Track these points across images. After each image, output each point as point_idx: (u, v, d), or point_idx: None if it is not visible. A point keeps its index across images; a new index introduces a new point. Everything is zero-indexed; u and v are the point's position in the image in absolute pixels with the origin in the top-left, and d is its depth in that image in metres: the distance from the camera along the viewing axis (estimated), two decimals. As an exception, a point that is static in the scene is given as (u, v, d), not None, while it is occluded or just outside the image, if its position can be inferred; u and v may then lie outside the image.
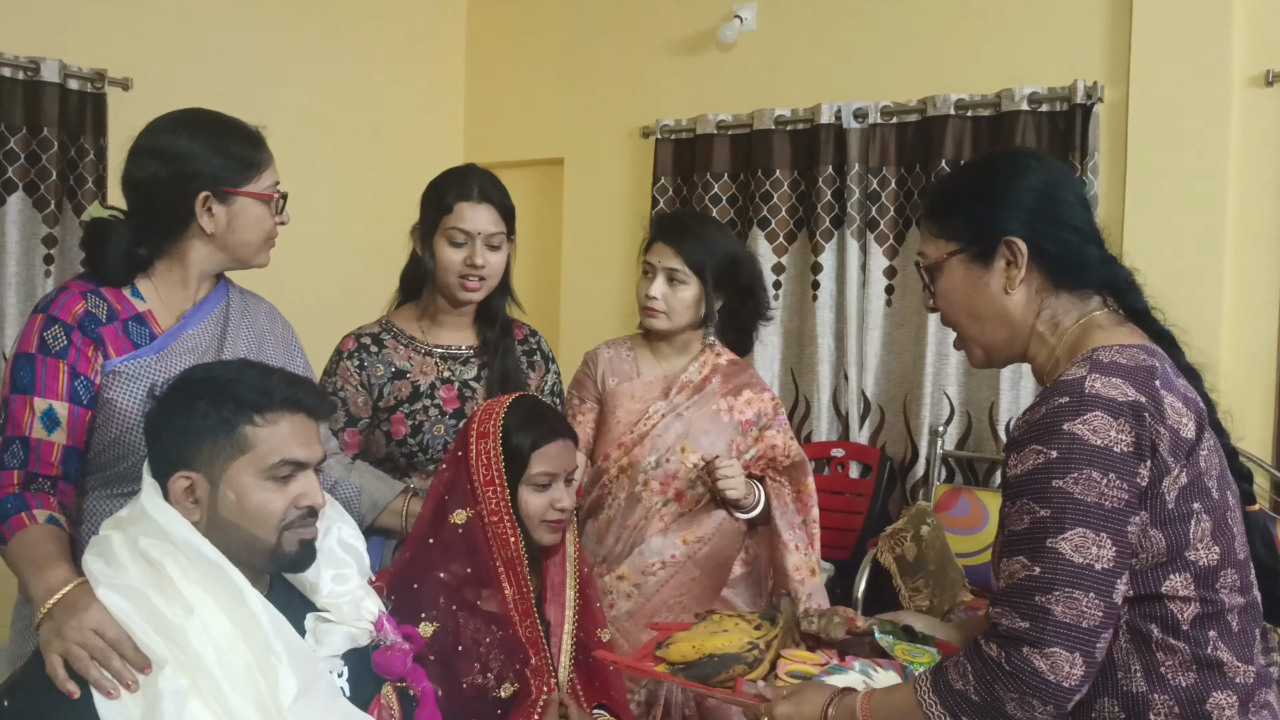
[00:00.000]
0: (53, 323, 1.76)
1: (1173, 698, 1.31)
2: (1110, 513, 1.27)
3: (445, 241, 2.26)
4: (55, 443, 1.72)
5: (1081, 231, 1.45)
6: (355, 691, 1.60)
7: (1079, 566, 1.26)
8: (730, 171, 4.51)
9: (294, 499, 1.53)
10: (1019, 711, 1.28)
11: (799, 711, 1.49)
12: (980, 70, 4.04)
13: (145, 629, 1.41)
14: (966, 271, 1.47)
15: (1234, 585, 1.34)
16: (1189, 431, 1.32)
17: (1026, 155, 1.50)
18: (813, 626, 1.75)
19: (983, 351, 1.52)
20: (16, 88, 3.84)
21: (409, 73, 5.11)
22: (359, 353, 2.29)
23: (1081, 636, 1.26)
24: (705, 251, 2.38)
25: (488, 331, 2.37)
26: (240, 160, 1.82)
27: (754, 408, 2.45)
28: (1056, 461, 1.28)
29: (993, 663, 1.30)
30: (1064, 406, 1.30)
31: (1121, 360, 1.34)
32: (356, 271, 4.61)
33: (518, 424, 1.89)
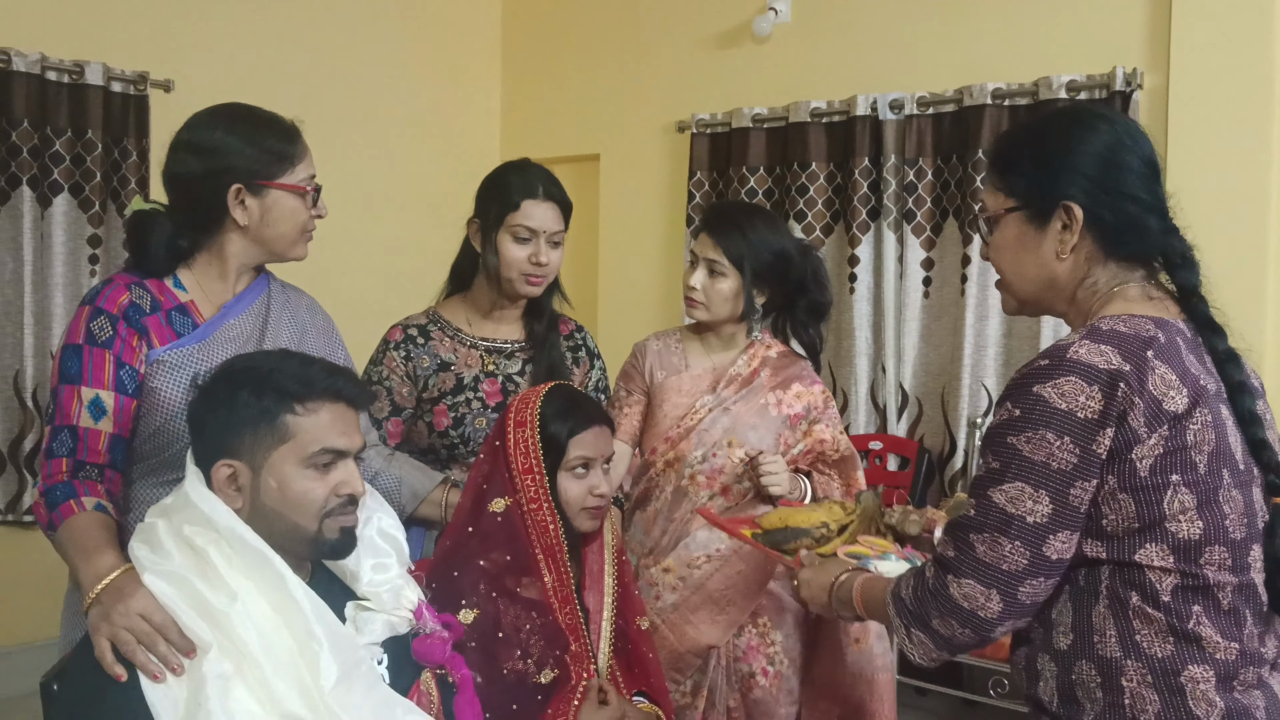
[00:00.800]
0: (98, 314, 1.79)
1: (1146, 666, 1.33)
2: (1054, 473, 1.33)
3: (510, 238, 2.27)
4: (102, 431, 1.76)
5: (1142, 201, 1.43)
6: (395, 679, 1.62)
7: (1009, 516, 1.35)
8: (766, 165, 4.51)
9: (334, 487, 1.55)
10: (941, 628, 1.41)
11: (816, 579, 1.70)
12: (1017, 58, 4.00)
13: (190, 614, 1.44)
14: (1021, 229, 1.48)
15: (1222, 563, 1.34)
16: (1175, 404, 1.32)
17: (1095, 116, 1.47)
18: (892, 519, 1.93)
19: (1017, 303, 1.55)
20: (62, 91, 3.92)
21: (446, 70, 5.15)
22: (405, 344, 2.30)
23: (999, 576, 1.35)
24: (745, 244, 2.36)
25: (535, 325, 2.39)
26: (273, 153, 1.84)
27: (803, 401, 2.44)
28: (1017, 419, 1.35)
29: (926, 581, 1.43)
30: (1041, 369, 1.35)
31: (1121, 328, 1.36)
32: (394, 266, 4.66)
33: (554, 412, 1.90)
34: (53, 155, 3.91)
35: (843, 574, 1.66)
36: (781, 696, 2.36)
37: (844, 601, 1.64)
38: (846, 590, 1.63)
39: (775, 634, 2.37)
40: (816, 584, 1.69)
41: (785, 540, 1.85)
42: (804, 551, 1.80)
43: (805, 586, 1.72)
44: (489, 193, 2.33)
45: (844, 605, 1.64)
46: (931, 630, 1.42)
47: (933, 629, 1.41)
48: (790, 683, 2.37)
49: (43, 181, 3.90)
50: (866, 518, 1.92)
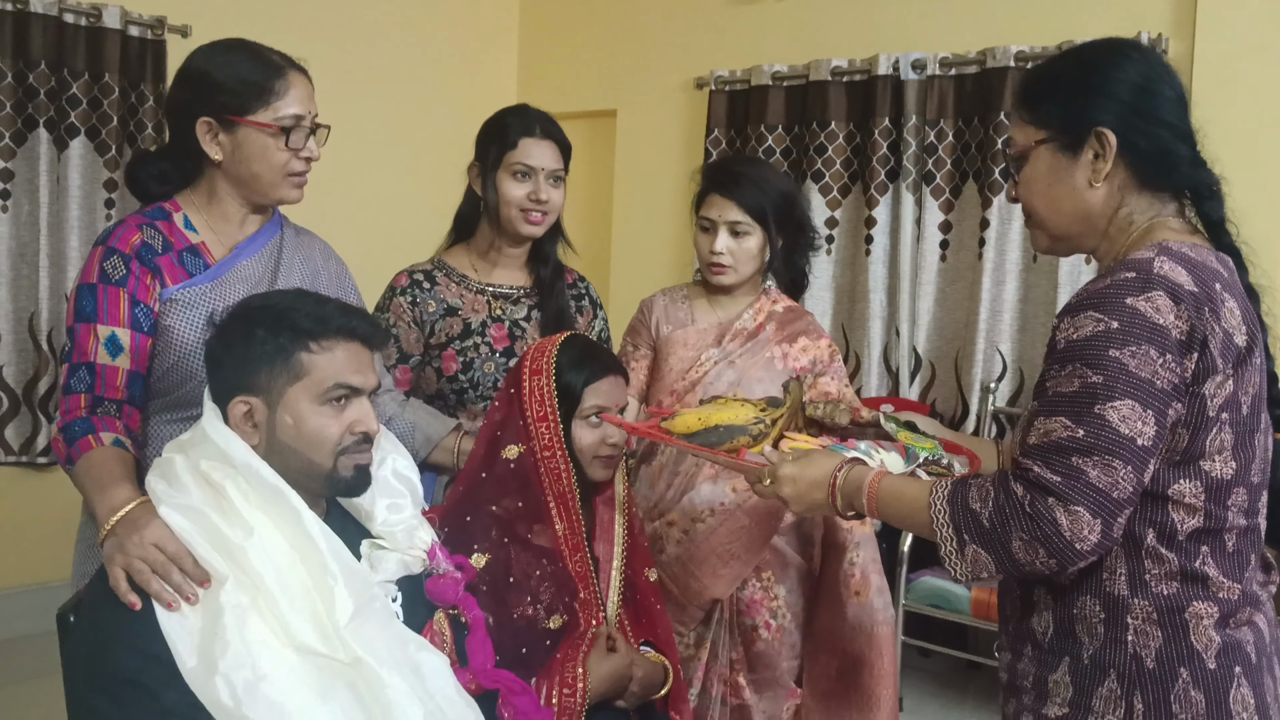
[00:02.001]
0: (111, 254, 1.80)
1: (1151, 604, 1.33)
2: (1160, 392, 1.26)
3: (508, 176, 2.28)
4: (119, 367, 1.77)
5: (1174, 129, 1.41)
6: (408, 617, 1.63)
7: (1123, 437, 1.26)
8: (785, 123, 4.47)
9: (349, 424, 1.56)
10: (1023, 553, 1.29)
11: (804, 474, 1.54)
12: (1041, 21, 3.95)
13: (206, 548, 1.44)
14: (1053, 161, 1.45)
15: (1241, 505, 1.34)
16: (1241, 340, 1.31)
17: (1127, 46, 1.45)
18: (818, 412, 1.78)
19: (1050, 241, 1.51)
20: (79, 34, 3.90)
21: (463, 25, 5.12)
22: (411, 289, 2.31)
23: (1109, 504, 1.26)
24: (764, 196, 2.34)
25: (541, 271, 2.39)
26: (249, 87, 1.81)
27: (809, 355, 2.43)
28: (1116, 332, 1.27)
29: (1016, 500, 1.30)
30: (1129, 281, 1.29)
31: (1190, 253, 1.34)
32: (409, 215, 4.64)
33: (570, 361, 1.91)
34: (70, 98, 3.90)
35: (843, 466, 1.52)
36: (784, 650, 2.38)
37: (849, 497, 1.50)
38: (854, 484, 1.49)
39: (778, 588, 2.38)
40: (807, 479, 1.53)
41: (720, 440, 1.68)
42: (766, 449, 1.63)
43: (790, 483, 1.55)
44: (487, 134, 2.34)
45: (848, 502, 1.51)
46: (1006, 552, 1.30)
47: (1009, 551, 1.29)
48: (792, 636, 2.39)
49: (59, 124, 3.89)
50: (794, 409, 1.78)
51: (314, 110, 1.88)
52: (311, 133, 1.88)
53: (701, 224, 2.39)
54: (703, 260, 2.40)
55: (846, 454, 1.58)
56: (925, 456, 1.65)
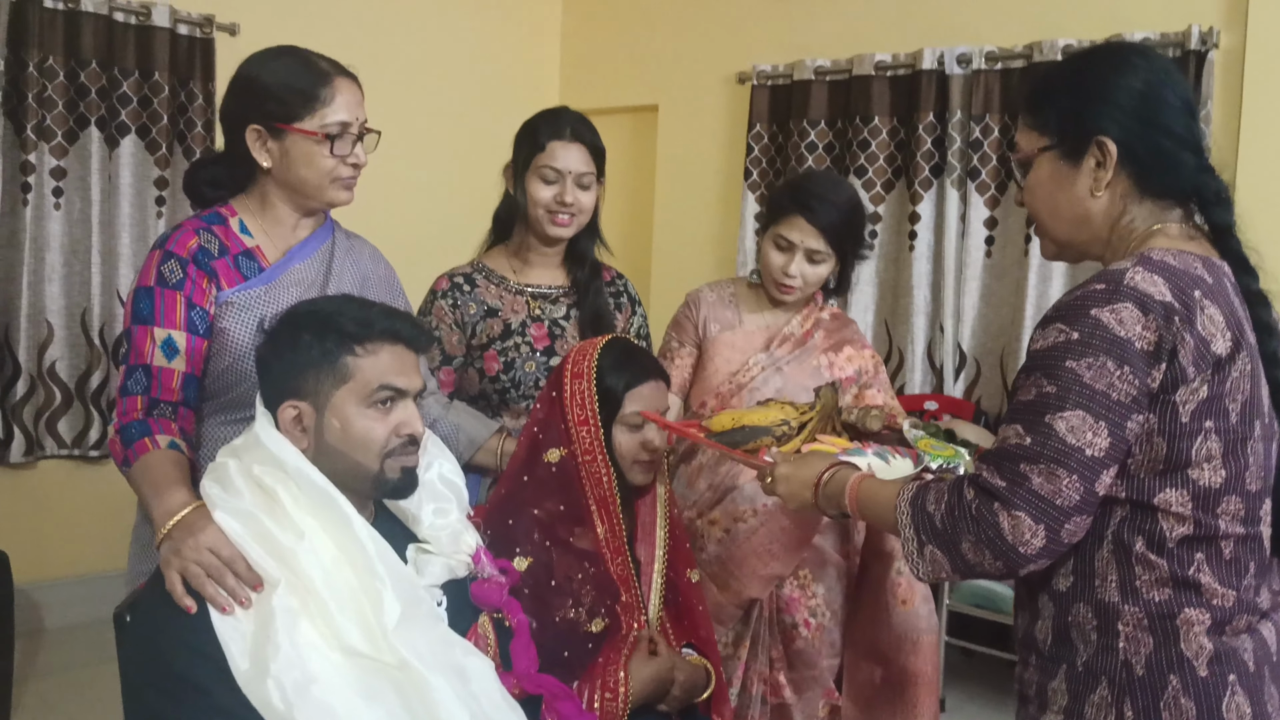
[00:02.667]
0: (169, 257, 1.83)
1: (1143, 610, 1.33)
2: (1115, 404, 1.28)
3: (537, 179, 2.30)
4: (175, 370, 1.80)
5: (1178, 137, 1.40)
6: (453, 621, 1.65)
7: (1070, 447, 1.28)
8: (828, 118, 4.45)
9: (395, 427, 1.58)
10: (971, 554, 1.33)
11: (796, 474, 1.61)
12: (1089, 14, 3.91)
13: (259, 551, 1.47)
14: (1055, 168, 1.45)
15: (1236, 514, 1.33)
16: (1220, 347, 1.30)
17: (1131, 51, 1.44)
18: (851, 417, 1.85)
19: (1055, 247, 1.52)
20: (129, 33, 3.96)
21: (507, 20, 5.13)
22: (452, 292, 2.34)
23: (1051, 511, 1.29)
24: (845, 225, 2.34)
25: (577, 271, 2.41)
26: (296, 95, 1.84)
27: (854, 364, 2.43)
28: (1075, 343, 1.29)
29: (965, 504, 1.34)
30: (1097, 293, 1.31)
31: (1172, 261, 1.33)
32: (453, 214, 4.66)
33: (611, 365, 1.91)
34: (120, 96, 3.96)
35: (830, 469, 1.57)
36: (824, 648, 2.38)
37: (832, 498, 1.56)
38: (838, 486, 1.55)
39: (817, 586, 2.38)
40: (797, 479, 1.60)
41: (745, 439, 1.75)
42: (773, 449, 1.71)
43: (784, 482, 1.62)
44: (521, 136, 2.37)
45: (831, 502, 1.56)
46: (957, 553, 1.34)
47: (959, 552, 1.34)
48: (832, 634, 2.39)
49: (110, 122, 3.95)
50: (825, 415, 1.83)
51: (362, 116, 1.90)
52: (360, 138, 1.90)
53: (778, 242, 2.35)
54: (772, 277, 2.38)
55: (844, 456, 1.62)
56: (940, 464, 1.66)
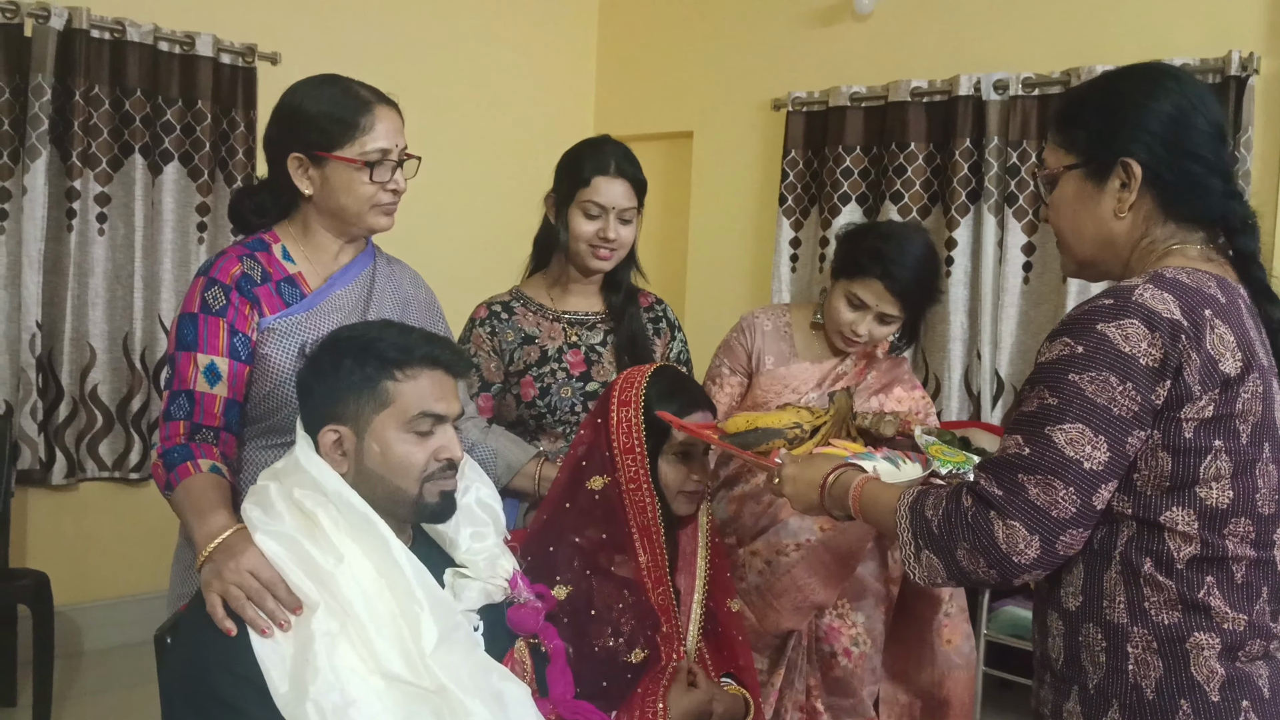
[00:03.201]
0: (212, 284, 1.86)
1: (1151, 633, 1.32)
2: (1115, 419, 1.28)
3: (580, 213, 2.31)
4: (217, 395, 1.82)
5: (1207, 163, 1.40)
6: (490, 646, 1.64)
7: (1068, 459, 1.29)
8: (863, 144, 4.45)
9: (434, 451, 1.59)
10: (966, 561, 1.33)
11: (802, 475, 1.62)
12: (1128, 40, 3.88)
13: (298, 574, 1.48)
14: (1080, 187, 1.45)
15: (1245, 536, 1.32)
16: (1229, 366, 1.30)
17: (1164, 75, 1.43)
18: (865, 422, 1.85)
19: (1076, 265, 1.52)
20: (174, 62, 4.03)
21: (543, 47, 5.18)
22: (490, 320, 2.36)
23: (1046, 522, 1.29)
24: (923, 293, 2.33)
25: (613, 299, 2.43)
26: (336, 123, 1.86)
27: (905, 406, 2.42)
28: (1079, 357, 1.30)
29: (962, 511, 1.34)
30: (1105, 307, 1.31)
31: (1184, 279, 1.33)
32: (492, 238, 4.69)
33: (659, 394, 1.90)
34: (164, 124, 4.02)
35: (836, 470, 1.58)
36: (865, 675, 2.36)
37: (837, 499, 1.56)
38: (842, 487, 1.55)
39: (856, 615, 2.37)
40: (804, 480, 1.61)
41: (757, 441, 1.76)
42: (782, 451, 1.71)
43: (790, 483, 1.63)
44: (564, 168, 2.38)
45: (836, 503, 1.57)
46: (952, 559, 1.34)
47: (954, 559, 1.34)
48: (873, 661, 2.37)
49: (154, 150, 4.01)
50: (839, 419, 1.83)
51: (402, 143, 1.92)
52: (399, 165, 1.92)
53: (851, 300, 2.33)
54: (840, 331, 2.37)
55: (853, 459, 1.63)
56: (949, 470, 1.66)
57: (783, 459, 1.67)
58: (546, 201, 2.41)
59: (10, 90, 3.74)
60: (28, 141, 3.73)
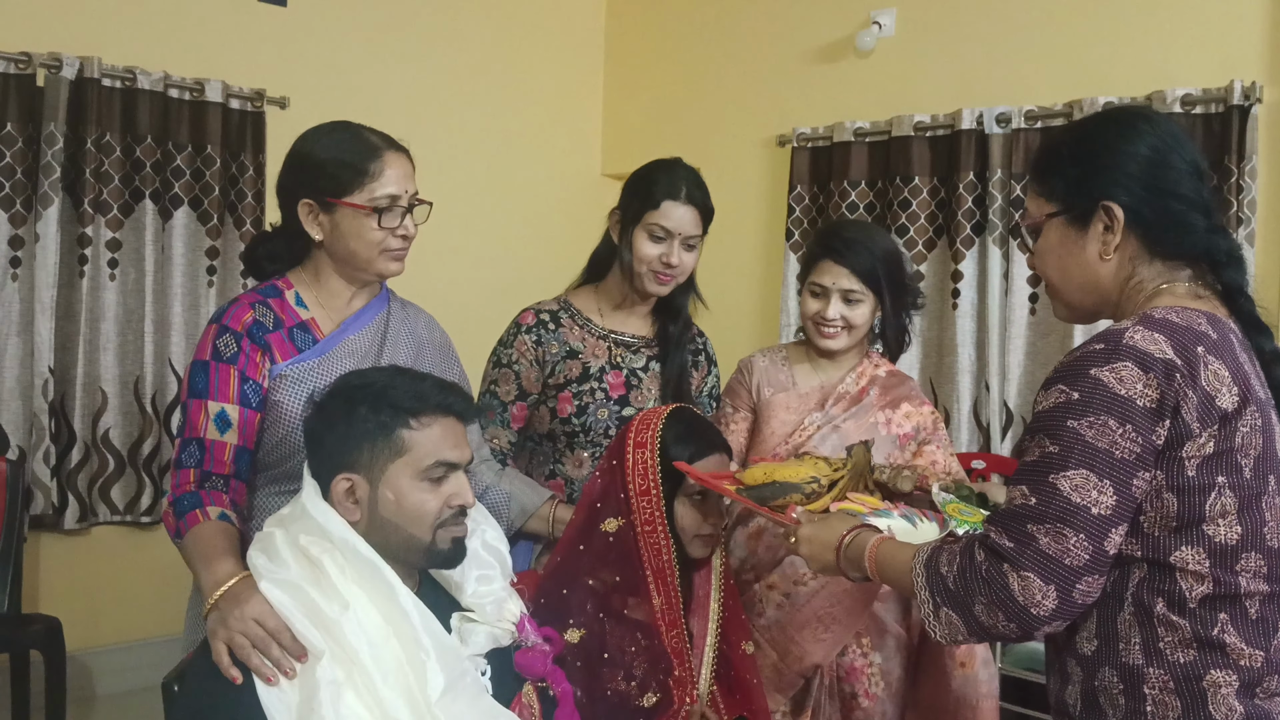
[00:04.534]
0: (224, 331, 1.87)
1: (1168, 673, 1.31)
2: (1118, 462, 1.28)
3: (645, 235, 2.29)
4: (227, 443, 1.83)
5: (1186, 199, 1.41)
6: (497, 690, 1.64)
7: (1074, 506, 1.28)
8: (868, 179, 4.47)
9: (447, 499, 1.59)
10: (985, 616, 1.32)
11: (818, 535, 1.60)
12: (1130, 71, 3.90)
13: (304, 622, 1.48)
14: (1064, 233, 1.46)
15: (1258, 571, 1.31)
16: (1227, 402, 1.30)
17: (1137, 117, 1.46)
18: (883, 476, 1.83)
19: (1068, 310, 1.53)
20: (183, 108, 4.07)
21: (549, 86, 5.22)
22: (537, 328, 2.34)
23: (1060, 571, 1.28)
24: (876, 261, 2.33)
25: (670, 325, 2.42)
26: (346, 169, 1.87)
27: (913, 421, 2.40)
28: (1076, 403, 1.30)
29: (976, 565, 1.34)
30: (1097, 352, 1.32)
31: (1174, 319, 1.33)
32: (496, 277, 4.73)
33: (675, 437, 1.89)
34: (174, 170, 4.06)
35: (852, 531, 1.57)
36: (881, 717, 2.34)
37: (853, 561, 1.54)
38: (859, 549, 1.54)
39: (875, 655, 2.34)
40: (820, 541, 1.59)
41: (773, 495, 1.73)
42: (799, 508, 1.69)
43: (806, 543, 1.61)
44: (635, 187, 2.35)
45: (853, 565, 1.55)
46: (971, 615, 1.33)
47: (973, 615, 1.33)
48: (885, 705, 2.35)
49: (164, 195, 4.05)
50: (857, 473, 1.81)
51: (412, 189, 1.93)
52: (409, 210, 1.93)
53: (812, 289, 2.36)
54: (811, 324, 2.38)
55: (870, 518, 1.62)
56: (966, 529, 1.65)
57: (800, 516, 1.66)
58: (611, 218, 2.39)
59: (23, 139, 3.78)
60: (40, 189, 3.78)
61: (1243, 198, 3.63)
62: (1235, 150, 3.63)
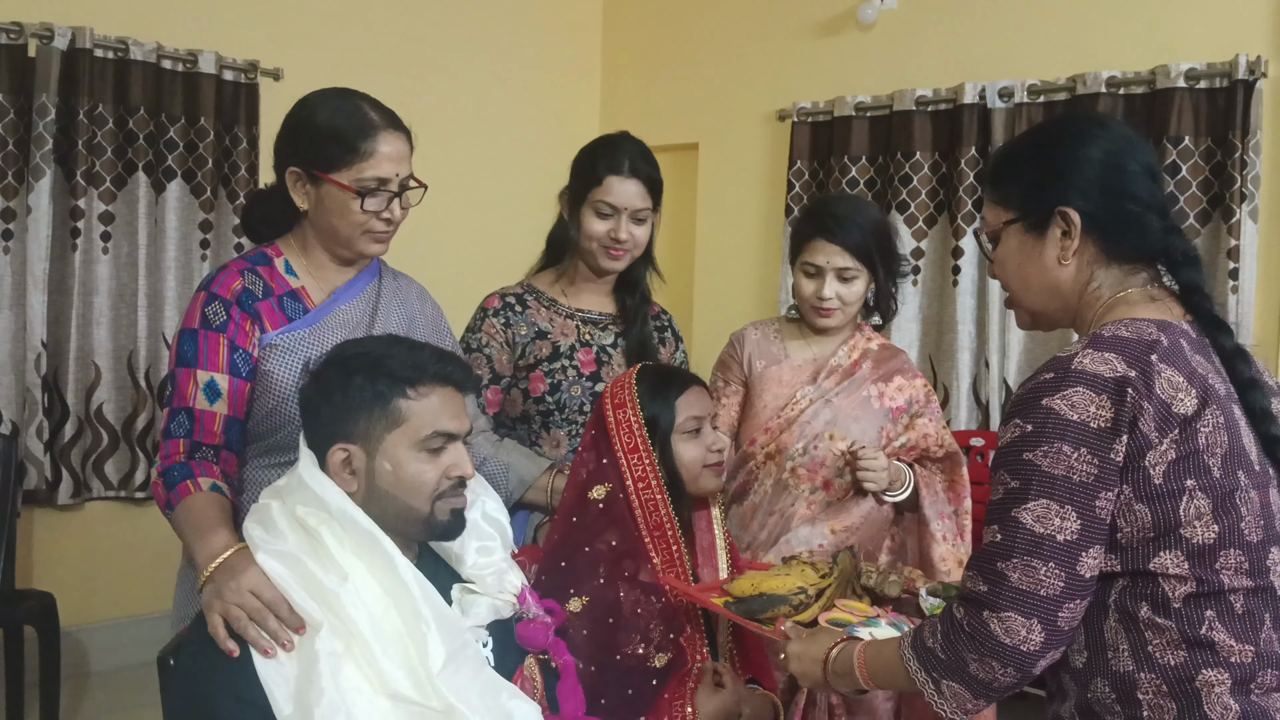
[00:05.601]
0: (213, 299, 1.83)
1: (1160, 676, 1.31)
2: (1078, 486, 1.29)
3: (592, 212, 2.29)
4: (217, 413, 1.79)
5: (1142, 201, 1.42)
6: (499, 662, 1.63)
7: (1039, 536, 1.29)
8: (869, 154, 4.44)
9: (445, 470, 1.57)
10: (981, 672, 1.32)
11: (807, 652, 1.59)
12: (1134, 45, 3.87)
13: (302, 594, 1.46)
14: (1021, 241, 1.48)
15: (1239, 567, 1.31)
16: (1184, 407, 1.30)
17: (1091, 123, 1.48)
18: (870, 581, 1.83)
19: (1030, 317, 1.54)
20: (177, 79, 4.03)
21: (548, 60, 5.18)
22: (504, 311, 2.33)
23: (1038, 603, 1.29)
24: (868, 236, 2.32)
25: (627, 298, 2.41)
26: (337, 145, 1.82)
27: (905, 394, 2.39)
28: (1031, 435, 1.31)
29: (957, 624, 1.34)
30: (1047, 382, 1.33)
31: (1124, 334, 1.35)
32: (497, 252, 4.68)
33: (651, 387, 1.89)
34: (167, 142, 4.02)
35: (836, 645, 1.55)
36: (880, 693, 2.32)
37: (842, 674, 1.53)
38: (845, 661, 1.52)
39: None
40: (808, 658, 1.58)
41: (761, 609, 1.73)
42: (787, 623, 1.69)
43: (795, 660, 1.60)
44: (580, 165, 2.35)
45: (842, 678, 1.53)
46: (968, 677, 1.33)
47: (970, 675, 1.33)
48: None
49: (157, 167, 4.01)
50: (844, 580, 1.83)
51: (404, 171, 1.87)
52: (398, 194, 1.87)
53: (805, 269, 2.34)
54: (808, 304, 2.36)
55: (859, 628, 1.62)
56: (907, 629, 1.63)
57: (789, 632, 1.66)
58: (561, 198, 2.39)
59: (14, 110, 3.74)
60: (32, 161, 3.73)
61: (1246, 173, 3.60)
62: (1239, 125, 3.61)
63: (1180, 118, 3.71)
